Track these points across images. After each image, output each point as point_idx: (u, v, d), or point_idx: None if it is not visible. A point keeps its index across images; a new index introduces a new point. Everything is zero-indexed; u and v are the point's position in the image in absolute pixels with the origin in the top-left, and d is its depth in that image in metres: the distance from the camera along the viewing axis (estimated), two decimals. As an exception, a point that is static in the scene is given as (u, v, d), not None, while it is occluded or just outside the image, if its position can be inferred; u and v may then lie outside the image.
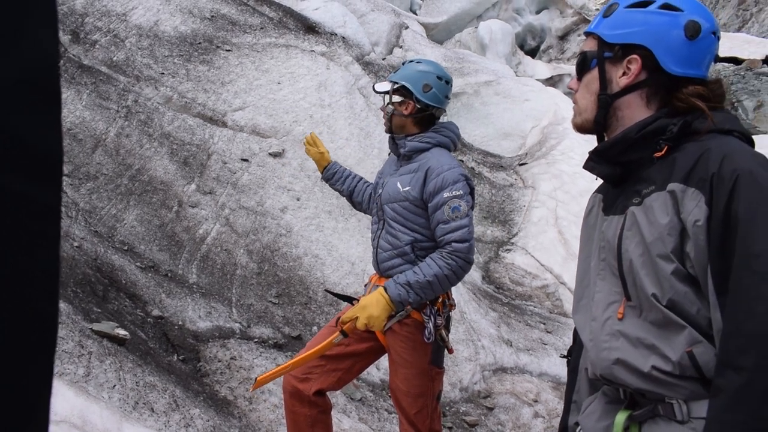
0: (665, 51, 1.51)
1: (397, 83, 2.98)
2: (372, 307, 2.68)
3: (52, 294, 0.51)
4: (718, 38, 1.56)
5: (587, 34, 1.67)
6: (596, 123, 1.63)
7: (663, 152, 1.50)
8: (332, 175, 3.38)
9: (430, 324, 2.83)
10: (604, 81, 1.60)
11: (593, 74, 1.62)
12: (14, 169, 0.47)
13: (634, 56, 1.54)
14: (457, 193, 2.77)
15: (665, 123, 1.51)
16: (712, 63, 1.57)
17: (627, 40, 1.55)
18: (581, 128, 1.68)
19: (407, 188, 2.87)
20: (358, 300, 2.84)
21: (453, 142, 3.02)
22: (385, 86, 3.02)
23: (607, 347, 1.54)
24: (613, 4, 1.62)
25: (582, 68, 1.65)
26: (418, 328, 2.84)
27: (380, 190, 3.03)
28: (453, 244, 2.74)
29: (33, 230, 0.49)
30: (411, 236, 2.87)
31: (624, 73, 1.57)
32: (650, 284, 1.45)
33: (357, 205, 3.40)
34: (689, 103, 1.50)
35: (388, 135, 3.09)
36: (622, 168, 1.59)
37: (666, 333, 1.44)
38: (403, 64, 3.08)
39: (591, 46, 1.64)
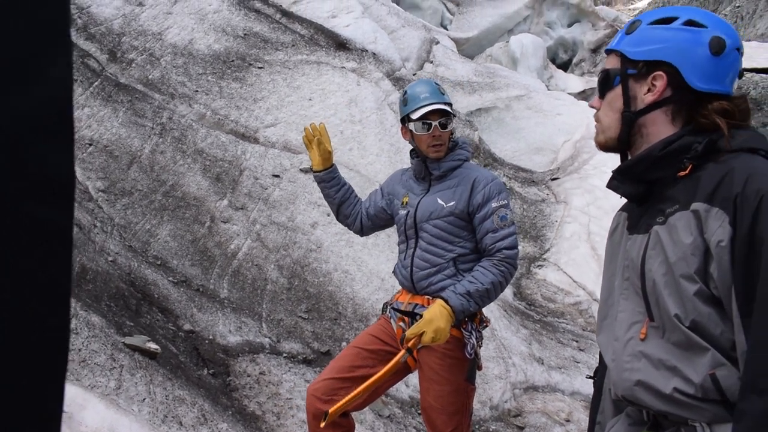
0: (691, 67, 1.50)
1: (448, 104, 2.97)
2: (438, 319, 2.64)
3: (61, 307, 0.54)
4: (742, 54, 1.55)
5: (608, 51, 1.67)
6: (620, 141, 1.62)
7: (687, 171, 1.48)
8: (332, 177, 3.18)
9: (473, 339, 2.82)
10: (627, 98, 1.59)
11: (616, 92, 1.61)
12: (32, 195, 0.51)
13: (660, 72, 1.53)
14: (503, 202, 2.85)
15: (689, 141, 1.50)
16: (737, 79, 1.56)
17: (652, 57, 1.54)
18: (604, 146, 1.68)
19: (452, 203, 2.88)
20: (421, 315, 2.79)
21: (471, 155, 3.11)
22: (444, 109, 2.94)
23: (629, 368, 1.52)
24: (635, 21, 1.61)
25: (604, 86, 1.64)
26: (457, 344, 2.82)
27: (408, 210, 3.01)
28: (504, 251, 2.78)
29: (47, 249, 0.52)
30: (455, 251, 2.87)
31: (649, 90, 1.56)
32: (673, 305, 1.43)
33: (342, 217, 3.28)
34: (713, 121, 1.49)
35: (415, 158, 3.01)
36: (646, 186, 1.58)
37: (689, 355, 1.42)
38: (415, 86, 3.02)
39: (613, 63, 1.63)
